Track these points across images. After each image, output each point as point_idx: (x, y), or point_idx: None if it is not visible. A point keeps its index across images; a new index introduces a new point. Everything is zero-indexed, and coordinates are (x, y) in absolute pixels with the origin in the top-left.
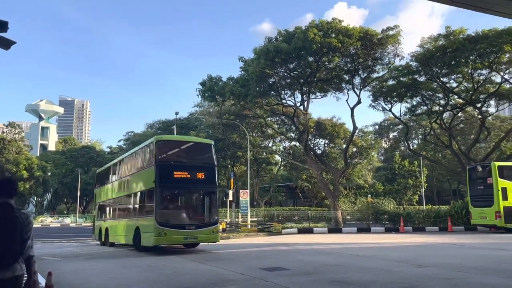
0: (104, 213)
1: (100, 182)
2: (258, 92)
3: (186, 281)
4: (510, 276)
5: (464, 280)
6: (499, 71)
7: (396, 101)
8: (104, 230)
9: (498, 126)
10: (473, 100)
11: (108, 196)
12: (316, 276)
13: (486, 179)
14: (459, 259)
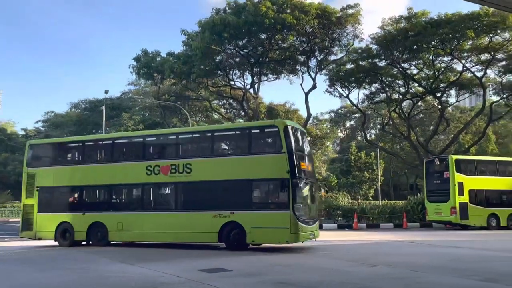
0: (89, 202)
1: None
2: (202, 71)
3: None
4: (464, 275)
5: (417, 279)
6: (461, 59)
7: (354, 87)
8: (84, 225)
9: (458, 117)
10: (434, 89)
11: (117, 180)
12: (260, 278)
13: (443, 173)
14: (412, 258)
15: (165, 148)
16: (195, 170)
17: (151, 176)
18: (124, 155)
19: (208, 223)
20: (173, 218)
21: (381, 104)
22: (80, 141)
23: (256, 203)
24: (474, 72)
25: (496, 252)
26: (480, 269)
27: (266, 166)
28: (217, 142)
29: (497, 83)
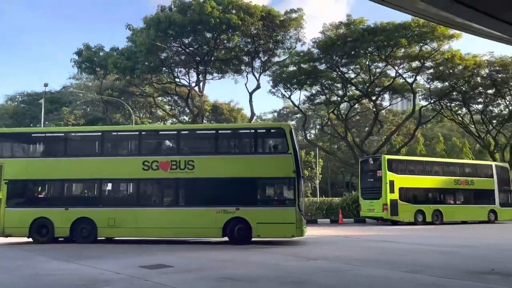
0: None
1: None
2: (147, 67)
3: None
4: (393, 267)
5: (351, 272)
6: (394, 65)
7: (296, 88)
8: (67, 221)
9: (391, 120)
10: (369, 93)
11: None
12: (201, 273)
13: (376, 172)
14: (347, 252)
15: (165, 145)
16: (198, 167)
17: (149, 172)
18: (117, 149)
19: (212, 218)
20: (173, 213)
21: (320, 106)
22: (62, 132)
23: (261, 200)
24: (406, 78)
25: (421, 246)
26: (407, 261)
27: (272, 166)
28: (222, 140)
29: (426, 89)
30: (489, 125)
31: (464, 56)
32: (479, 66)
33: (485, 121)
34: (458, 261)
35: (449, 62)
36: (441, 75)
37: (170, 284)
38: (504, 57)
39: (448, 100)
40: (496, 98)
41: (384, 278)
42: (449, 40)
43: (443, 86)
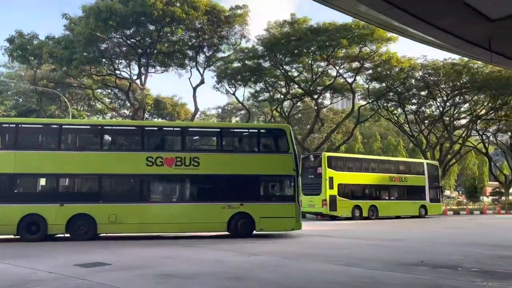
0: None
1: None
2: (86, 57)
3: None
4: (329, 261)
5: (290, 266)
6: (335, 65)
7: (240, 84)
8: (63, 217)
9: (331, 118)
10: (311, 91)
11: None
12: (140, 271)
13: (316, 169)
14: (286, 246)
15: (169, 141)
16: (203, 164)
17: (153, 167)
18: (119, 143)
19: (217, 213)
20: (178, 209)
21: (264, 103)
22: (56, 124)
23: (264, 195)
24: (346, 78)
25: (357, 240)
26: (343, 255)
27: (274, 164)
28: (227, 138)
29: (364, 89)
30: (422, 125)
31: (400, 59)
32: (414, 68)
33: (418, 121)
34: (391, 254)
35: (387, 64)
36: (378, 76)
37: (107, 283)
38: (436, 61)
39: (385, 100)
40: (428, 99)
41: (321, 271)
42: (387, 42)
43: (381, 86)
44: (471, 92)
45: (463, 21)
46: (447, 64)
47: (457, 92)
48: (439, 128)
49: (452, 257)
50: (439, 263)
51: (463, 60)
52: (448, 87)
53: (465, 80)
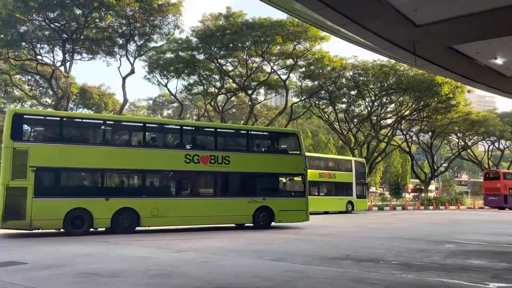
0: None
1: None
2: (3, 40)
3: None
4: (260, 256)
5: (219, 262)
6: (270, 62)
7: (173, 76)
8: (109, 212)
9: (265, 114)
10: (246, 86)
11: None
12: (60, 269)
13: None
14: (215, 242)
15: (205, 140)
16: (233, 162)
17: (191, 164)
18: (159, 141)
19: (244, 207)
20: (212, 203)
21: (198, 96)
22: (100, 119)
23: (281, 191)
24: (280, 75)
25: (287, 235)
26: (273, 250)
27: (289, 164)
28: (252, 139)
29: (297, 87)
30: (351, 124)
31: (332, 58)
32: (345, 68)
33: (347, 119)
34: (318, 249)
35: (319, 63)
36: (311, 75)
37: (21, 283)
38: (366, 62)
39: (317, 98)
40: (357, 99)
41: (248, 267)
42: (320, 41)
43: (313, 85)
44: (397, 93)
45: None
46: (376, 65)
47: (384, 93)
48: (367, 127)
49: (375, 251)
50: (363, 257)
51: (391, 62)
52: (376, 87)
53: (392, 82)
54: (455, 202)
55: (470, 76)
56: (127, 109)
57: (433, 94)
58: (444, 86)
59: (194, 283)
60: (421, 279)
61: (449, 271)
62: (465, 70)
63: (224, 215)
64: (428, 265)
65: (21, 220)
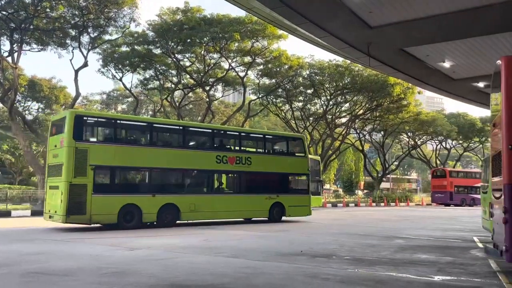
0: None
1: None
2: None
3: None
4: (217, 254)
5: (174, 259)
6: (228, 58)
7: (128, 70)
8: (155, 207)
9: (222, 111)
10: (203, 83)
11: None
12: (6, 269)
13: None
14: (170, 239)
15: (230, 142)
16: (253, 163)
17: (220, 164)
18: (195, 142)
19: (262, 203)
20: (237, 199)
21: (154, 91)
22: (147, 122)
23: (290, 189)
24: (238, 72)
25: (244, 231)
26: (230, 246)
27: (296, 165)
28: (267, 142)
29: (255, 84)
30: (307, 122)
31: (290, 57)
32: (302, 67)
33: (303, 117)
34: (274, 245)
35: (277, 61)
36: (269, 72)
37: None
38: (322, 61)
39: (274, 96)
40: (313, 97)
41: (207, 264)
42: (278, 40)
43: (271, 82)
44: (351, 93)
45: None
46: (332, 65)
47: (339, 92)
48: (322, 125)
49: (328, 247)
50: (317, 252)
51: (346, 63)
52: (332, 87)
53: (346, 82)
54: (405, 199)
55: (420, 78)
56: (80, 103)
57: (385, 95)
58: (396, 87)
59: (148, 281)
60: (371, 274)
61: (398, 265)
62: (416, 72)
63: (246, 210)
64: (379, 260)
65: (82, 215)
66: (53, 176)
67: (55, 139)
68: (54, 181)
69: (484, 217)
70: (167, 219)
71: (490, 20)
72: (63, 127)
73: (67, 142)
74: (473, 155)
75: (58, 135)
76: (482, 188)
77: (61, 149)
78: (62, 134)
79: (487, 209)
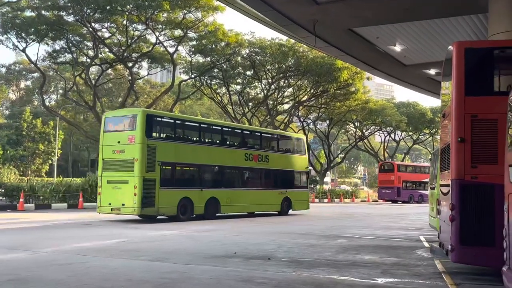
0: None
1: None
2: None
3: None
4: (133, 256)
5: (85, 264)
6: (155, 31)
7: (33, 40)
8: (202, 200)
9: (148, 91)
10: (125, 58)
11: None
12: None
13: None
14: (81, 241)
15: (254, 141)
16: (270, 160)
17: (248, 162)
18: (231, 141)
19: (276, 197)
20: (258, 194)
21: (65, 66)
22: (197, 121)
23: (295, 185)
24: (167, 47)
25: (169, 231)
26: (148, 249)
27: (299, 162)
28: (280, 142)
29: (187, 62)
30: (246, 107)
31: (227, 32)
32: (241, 45)
33: (242, 103)
34: (202, 246)
35: (212, 36)
36: (203, 49)
37: None
38: (264, 39)
39: (208, 77)
40: (253, 80)
41: (124, 268)
42: (214, 12)
43: (205, 61)
44: (295, 76)
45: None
46: (275, 44)
47: (282, 75)
48: (262, 112)
49: (265, 247)
50: (252, 254)
51: (290, 42)
52: (274, 69)
53: (290, 63)
54: (350, 195)
55: (370, 62)
56: None
57: (332, 80)
58: (343, 72)
59: None
60: (310, 276)
61: (340, 267)
62: (365, 55)
63: (264, 204)
64: (319, 262)
65: (152, 207)
66: (116, 170)
67: (118, 135)
68: (119, 175)
69: (431, 215)
70: (211, 211)
71: (444, 1)
72: (132, 124)
73: (140, 139)
74: (422, 148)
75: (124, 132)
76: (430, 184)
77: (132, 146)
78: (131, 131)
79: (434, 206)
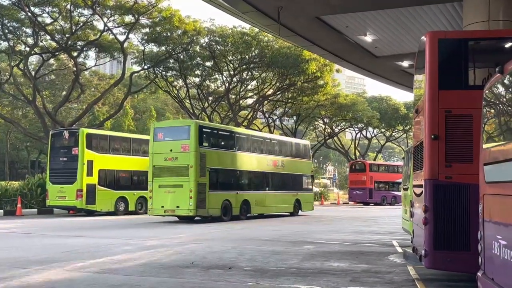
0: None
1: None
2: None
3: None
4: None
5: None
6: (103, 16)
7: None
8: (238, 202)
9: (95, 84)
10: (69, 47)
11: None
12: None
13: (71, 149)
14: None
15: (274, 147)
16: (286, 165)
17: (269, 167)
18: (257, 148)
19: (290, 199)
20: (278, 196)
21: (1, 55)
22: (234, 131)
23: (302, 188)
24: (116, 35)
25: (117, 240)
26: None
27: (306, 167)
28: (291, 147)
29: (139, 52)
30: (205, 102)
31: (184, 19)
32: (199, 33)
33: (201, 97)
34: (154, 256)
35: (167, 23)
36: (157, 38)
37: None
38: (225, 27)
39: (164, 68)
40: (214, 72)
41: (67, 281)
42: None
43: (159, 51)
44: (259, 68)
45: None
46: (236, 32)
47: (245, 67)
48: (224, 107)
49: (225, 255)
50: (212, 263)
51: (253, 31)
52: (236, 59)
53: (254, 54)
54: (318, 197)
55: (338, 53)
56: None
57: (299, 72)
58: (311, 63)
59: None
60: (275, 286)
61: (307, 276)
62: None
63: (281, 205)
64: (284, 270)
65: (204, 209)
66: (169, 176)
67: (170, 144)
68: (173, 180)
69: (405, 218)
70: (244, 213)
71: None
72: (186, 134)
73: (194, 148)
74: (396, 145)
75: (176, 141)
76: (403, 184)
77: (186, 153)
78: (185, 140)
79: (407, 208)
